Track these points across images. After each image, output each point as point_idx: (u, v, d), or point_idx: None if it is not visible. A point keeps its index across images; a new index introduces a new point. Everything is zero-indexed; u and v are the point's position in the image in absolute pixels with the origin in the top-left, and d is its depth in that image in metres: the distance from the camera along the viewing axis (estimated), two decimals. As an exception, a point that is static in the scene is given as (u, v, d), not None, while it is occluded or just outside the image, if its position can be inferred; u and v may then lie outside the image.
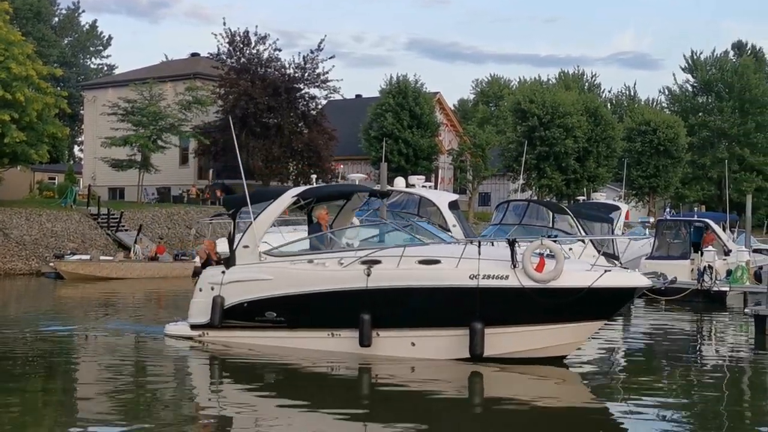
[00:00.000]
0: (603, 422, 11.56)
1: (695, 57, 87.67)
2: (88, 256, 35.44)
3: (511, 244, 14.23)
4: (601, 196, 42.14)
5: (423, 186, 30.22)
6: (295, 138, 51.07)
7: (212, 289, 16.36)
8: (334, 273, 15.11)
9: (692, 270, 28.26)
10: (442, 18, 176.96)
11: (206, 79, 54.30)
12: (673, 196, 73.83)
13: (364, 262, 14.87)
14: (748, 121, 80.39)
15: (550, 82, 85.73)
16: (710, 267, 27.24)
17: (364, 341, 14.72)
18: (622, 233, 34.02)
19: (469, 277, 14.15)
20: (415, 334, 14.78)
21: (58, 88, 48.72)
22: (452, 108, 77.87)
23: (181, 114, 50.17)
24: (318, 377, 14.00)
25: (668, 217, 43.74)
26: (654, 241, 31.29)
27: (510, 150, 60.80)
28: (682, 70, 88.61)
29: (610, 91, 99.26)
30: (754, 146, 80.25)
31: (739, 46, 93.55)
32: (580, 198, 47.56)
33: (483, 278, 14.11)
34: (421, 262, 14.62)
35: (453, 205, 27.82)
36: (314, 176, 42.10)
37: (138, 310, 25.16)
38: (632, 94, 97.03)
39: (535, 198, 54.68)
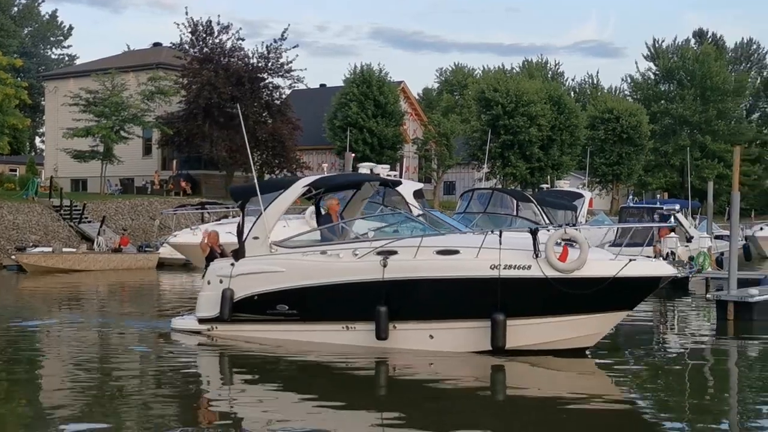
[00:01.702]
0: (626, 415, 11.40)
1: (657, 45, 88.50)
2: (50, 249, 35.07)
3: (534, 233, 13.93)
4: (564, 184, 42.39)
5: (388, 175, 30.20)
6: (259, 128, 50.84)
7: (221, 281, 15.94)
8: (349, 264, 14.76)
9: (655, 257, 28.48)
10: (406, 7, 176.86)
11: (169, 69, 53.86)
12: (636, 184, 74.48)
13: (379, 253, 14.53)
14: (710, 109, 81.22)
15: (514, 70, 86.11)
16: (672, 253, 27.51)
17: (381, 334, 14.38)
18: (586, 221, 34.24)
19: (490, 267, 13.85)
20: (433, 326, 14.46)
21: (18, 79, 48.12)
22: (416, 97, 77.92)
23: (143, 104, 49.73)
24: (333, 372, 13.63)
25: (631, 204, 44.15)
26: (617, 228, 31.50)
27: (474, 139, 60.96)
28: (645, 58, 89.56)
29: (573, 80, 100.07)
30: (715, 133, 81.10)
31: (700, 35, 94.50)
32: (544, 186, 47.92)
33: (504, 268, 13.81)
34: (440, 252, 14.31)
35: (418, 194, 27.81)
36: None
37: (104, 302, 24.98)
38: (595, 82, 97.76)
39: (500, 186, 54.88)
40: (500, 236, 14.02)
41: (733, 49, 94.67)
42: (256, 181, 16.37)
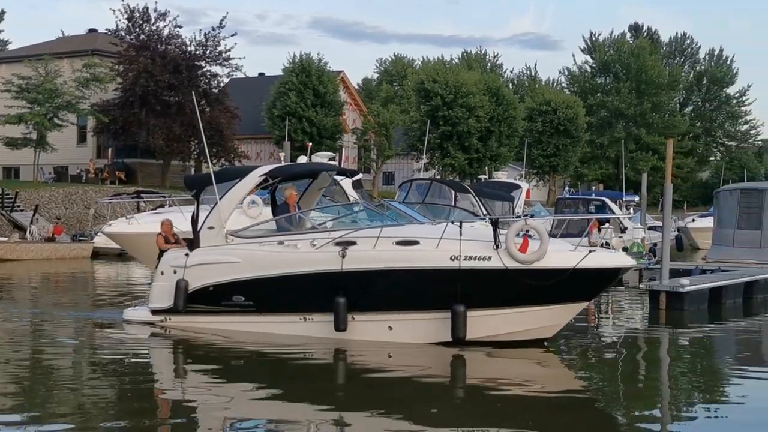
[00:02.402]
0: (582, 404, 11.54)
1: (594, 39, 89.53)
2: (-19, 238, 34.36)
3: (494, 224, 13.92)
4: (502, 175, 42.74)
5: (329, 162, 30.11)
6: (196, 116, 50.31)
7: (175, 272, 15.66)
8: (307, 255, 14.62)
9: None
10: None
11: (105, 55, 53.00)
12: (573, 175, 75.38)
13: (338, 244, 14.41)
14: (644, 102, 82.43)
15: (453, 62, 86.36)
16: (607, 244, 27.91)
17: (340, 325, 14.28)
18: (523, 212, 34.56)
19: (450, 258, 13.81)
20: (392, 317, 14.40)
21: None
22: (356, 87, 77.80)
23: (78, 91, 48.85)
24: (290, 364, 13.48)
25: (567, 196, 44.67)
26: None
27: (413, 129, 61.08)
28: (581, 51, 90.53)
29: (511, 72, 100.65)
30: (650, 126, 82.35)
31: (635, 29, 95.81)
32: (482, 177, 48.20)
33: (465, 259, 13.78)
34: (399, 243, 14.21)
35: (356, 184, 27.79)
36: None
37: (37, 293, 24.55)
38: (533, 74, 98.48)
39: (439, 177, 55.09)
40: (461, 227, 14.02)
41: (668, 44, 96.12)
42: (211, 170, 16.14)
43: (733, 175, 71.84)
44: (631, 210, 40.97)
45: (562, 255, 13.91)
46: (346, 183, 27.53)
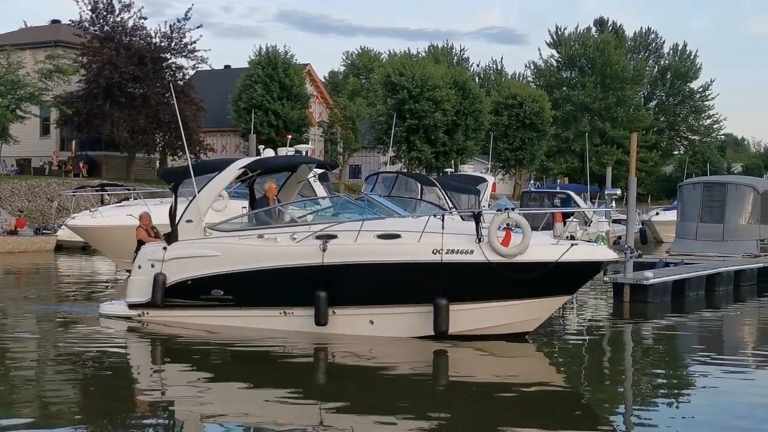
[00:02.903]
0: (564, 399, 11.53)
1: (560, 33, 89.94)
2: (-58, 231, 33.91)
3: (477, 217, 13.91)
4: (468, 169, 42.96)
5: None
6: (161, 109, 49.97)
7: (152, 266, 15.52)
8: (287, 248, 14.52)
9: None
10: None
11: (68, 47, 52.36)
12: (538, 169, 75.76)
13: (319, 237, 14.31)
14: (609, 96, 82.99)
15: (420, 55, 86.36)
16: (572, 237, 28.04)
17: (320, 320, 14.20)
18: (488, 205, 34.71)
19: (432, 251, 13.76)
20: (374, 311, 14.33)
21: None
22: (322, 80, 77.58)
23: (41, 83, 48.27)
24: (270, 359, 13.37)
25: (532, 189, 44.90)
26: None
27: (380, 122, 61.04)
28: (547, 45, 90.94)
29: (478, 65, 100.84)
30: (614, 120, 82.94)
31: (601, 23, 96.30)
32: (449, 170, 48.33)
33: (447, 253, 13.73)
34: (381, 236, 14.15)
35: (323, 178, 27.76)
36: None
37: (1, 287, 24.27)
38: (499, 68, 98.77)
39: (405, 170, 55.14)
40: (443, 221, 13.97)
41: (632, 38, 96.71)
42: (189, 163, 15.96)
43: (696, 169, 72.45)
44: (613, 203, 41.23)
45: (545, 248, 13.91)
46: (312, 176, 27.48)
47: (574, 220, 29.32)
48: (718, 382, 12.67)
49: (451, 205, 25.42)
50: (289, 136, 36.65)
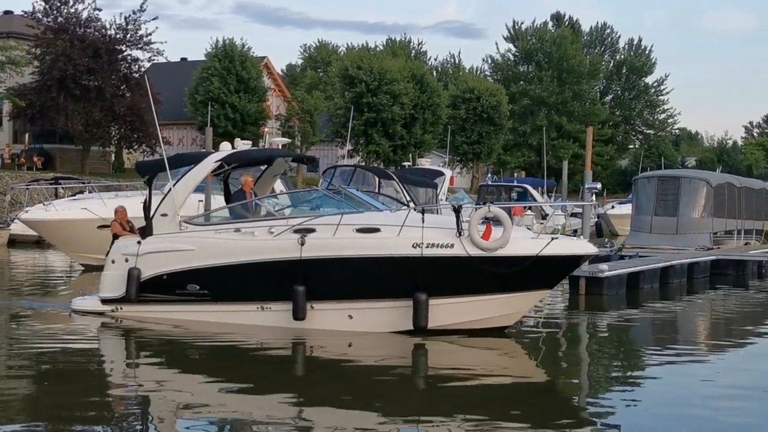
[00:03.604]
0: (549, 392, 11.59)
1: (516, 27, 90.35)
2: None
3: (457, 211, 13.79)
4: (426, 162, 42.92)
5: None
6: (117, 101, 49.48)
7: (126, 260, 15.26)
8: (265, 242, 14.37)
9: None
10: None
11: (21, 38, 51.58)
12: (496, 162, 76.07)
13: (297, 231, 14.18)
14: (566, 90, 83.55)
15: (378, 49, 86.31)
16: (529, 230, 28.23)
17: (298, 314, 14.05)
18: (446, 198, 34.81)
19: (412, 245, 13.65)
20: (352, 306, 14.21)
21: None
22: (280, 73, 77.31)
23: (-7, 75, 47.59)
24: (247, 354, 13.22)
25: (490, 183, 45.13)
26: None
27: (338, 116, 60.91)
28: (505, 39, 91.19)
29: (436, 59, 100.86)
30: (571, 114, 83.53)
31: (557, 18, 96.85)
32: (406, 164, 48.34)
33: (427, 247, 13.64)
34: (360, 230, 14.04)
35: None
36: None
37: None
38: (457, 62, 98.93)
39: (363, 164, 55.12)
40: (423, 214, 13.91)
41: (588, 33, 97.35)
42: (164, 155, 15.74)
43: (651, 163, 73.31)
44: (593, 197, 41.61)
45: (525, 242, 13.88)
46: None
47: (531, 213, 29.53)
48: (672, 371, 12.87)
49: (408, 199, 25.44)
50: (266, 129, 36.39)
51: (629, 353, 14.78)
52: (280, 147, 19.43)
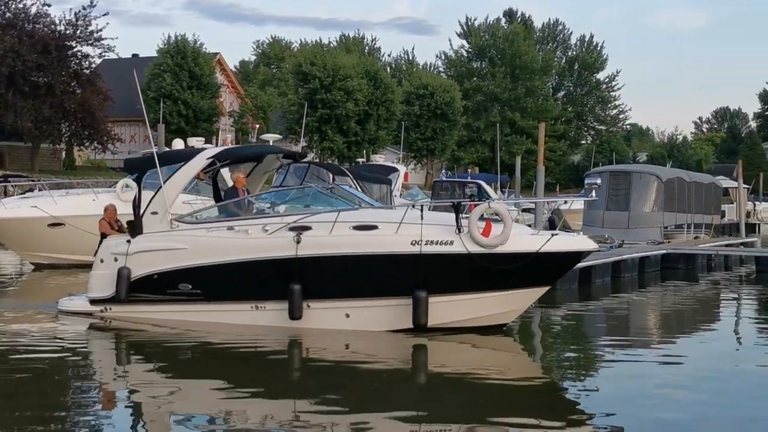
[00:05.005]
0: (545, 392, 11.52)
1: (469, 23, 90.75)
2: None
3: (456, 207, 13.67)
4: (380, 159, 42.98)
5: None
6: (67, 98, 48.86)
7: (116, 259, 14.93)
8: (259, 241, 14.12)
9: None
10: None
11: (-32, 34, 50.77)
12: (450, 159, 76.35)
13: (292, 229, 13.94)
14: (519, 87, 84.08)
15: (331, 45, 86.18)
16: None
17: (294, 314, 13.82)
18: (400, 194, 34.87)
19: (411, 243, 13.49)
20: (350, 304, 13.99)
21: None
22: (233, 69, 76.92)
23: (-61, 71, 46.71)
24: (241, 355, 12.97)
25: (444, 179, 45.26)
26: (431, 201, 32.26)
27: (292, 112, 60.74)
28: (458, 35, 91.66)
29: (389, 56, 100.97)
30: (524, 110, 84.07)
31: (510, 14, 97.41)
32: (360, 160, 48.35)
33: (426, 244, 13.47)
34: (357, 227, 13.83)
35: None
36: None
37: None
38: (411, 58, 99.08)
39: (317, 160, 55.01)
40: (422, 211, 13.79)
41: (541, 29, 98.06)
42: (155, 151, 15.44)
43: (603, 158, 73.94)
44: (593, 193, 41.83)
45: (525, 239, 13.78)
46: (225, 170, 27.20)
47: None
48: (624, 363, 13.04)
49: (362, 194, 25.44)
50: (257, 126, 36.16)
51: (582, 346, 14.95)
52: (271, 143, 19.39)
